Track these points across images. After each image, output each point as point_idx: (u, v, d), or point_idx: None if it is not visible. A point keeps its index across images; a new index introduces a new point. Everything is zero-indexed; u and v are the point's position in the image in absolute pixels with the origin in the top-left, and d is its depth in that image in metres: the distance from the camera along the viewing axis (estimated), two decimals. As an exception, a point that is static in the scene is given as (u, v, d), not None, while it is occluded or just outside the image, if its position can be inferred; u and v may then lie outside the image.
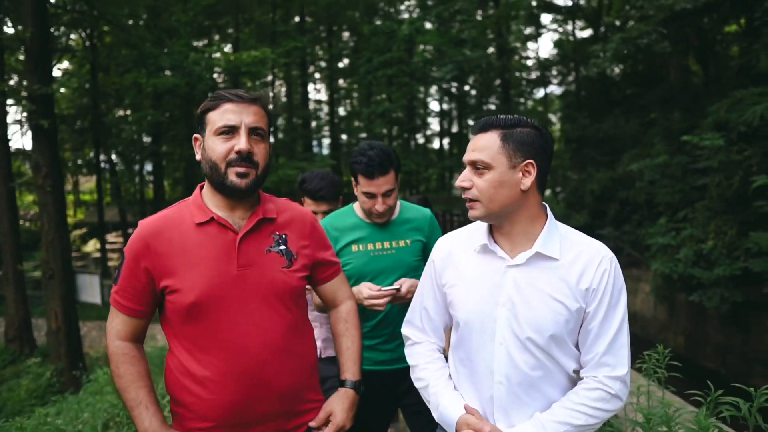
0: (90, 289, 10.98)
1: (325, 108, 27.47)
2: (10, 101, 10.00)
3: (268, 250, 1.54)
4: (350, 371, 1.67)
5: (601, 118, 16.45)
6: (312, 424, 1.59)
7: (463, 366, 1.54)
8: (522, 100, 26.99)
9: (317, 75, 27.21)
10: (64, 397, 6.05)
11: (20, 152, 19.45)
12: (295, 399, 1.57)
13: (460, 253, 1.54)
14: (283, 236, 1.57)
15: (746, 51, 9.80)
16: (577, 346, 1.45)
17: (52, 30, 13.48)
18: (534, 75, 26.11)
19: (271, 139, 1.92)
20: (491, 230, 1.49)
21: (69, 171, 25.23)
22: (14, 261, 9.97)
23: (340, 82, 26.47)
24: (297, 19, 21.99)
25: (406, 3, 24.41)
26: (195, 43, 17.66)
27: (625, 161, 12.42)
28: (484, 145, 1.39)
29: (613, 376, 1.38)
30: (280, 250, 1.55)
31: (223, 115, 1.45)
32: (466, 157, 1.43)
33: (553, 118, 29.03)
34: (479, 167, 1.39)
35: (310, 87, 27.22)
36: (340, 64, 25.55)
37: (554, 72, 25.62)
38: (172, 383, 1.53)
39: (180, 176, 25.85)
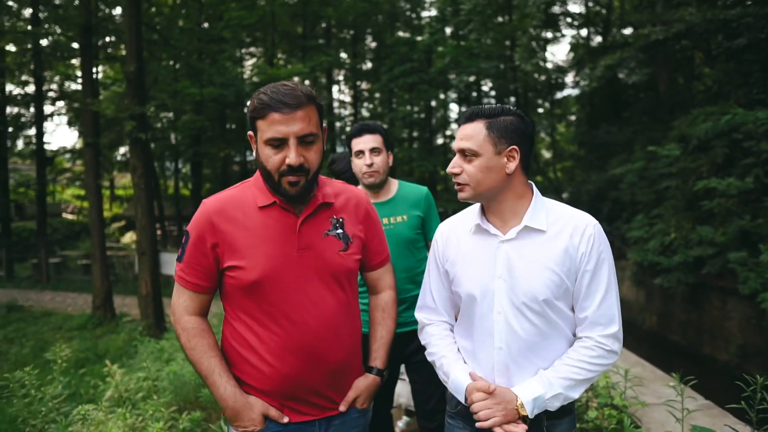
0: (171, 264, 13.99)
1: (349, 109, 30.38)
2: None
3: (326, 233, 1.69)
4: (380, 360, 1.83)
5: (609, 123, 19.03)
6: (341, 408, 1.74)
7: (464, 338, 1.77)
8: (540, 101, 29.49)
9: (341, 77, 30.12)
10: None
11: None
12: (344, 373, 1.74)
13: (458, 234, 1.76)
14: (340, 220, 1.73)
15: (705, 75, 12.35)
16: (573, 310, 1.66)
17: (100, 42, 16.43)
18: (551, 77, 28.46)
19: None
20: (483, 211, 1.72)
21: (106, 169, 28.55)
22: (100, 243, 13.00)
23: (363, 84, 29.35)
24: (324, 25, 24.93)
25: (426, 14, 27.23)
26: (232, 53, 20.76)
27: (614, 165, 15.03)
28: (471, 134, 1.61)
29: (607, 334, 1.60)
30: (338, 233, 1.71)
31: (270, 126, 1.55)
32: (456, 145, 1.65)
33: (572, 118, 31.52)
34: (468, 154, 1.62)
35: (334, 88, 30.10)
36: (363, 67, 28.44)
37: (570, 76, 28.06)
38: (230, 353, 1.71)
39: (209, 173, 29.05)
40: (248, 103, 1.66)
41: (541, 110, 29.60)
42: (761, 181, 10.03)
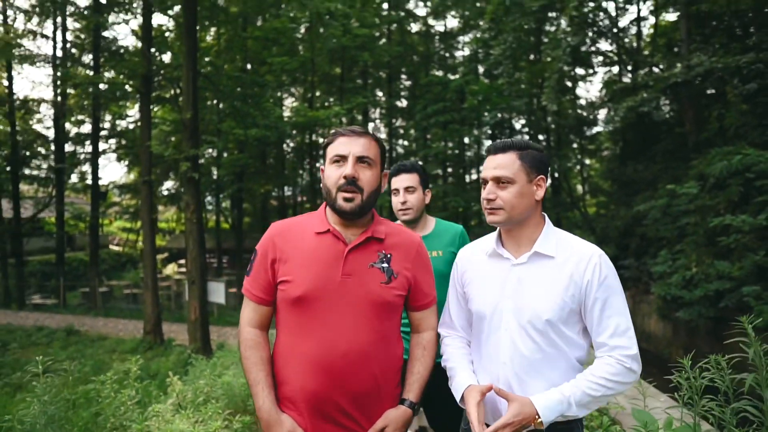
0: (217, 292, 15.29)
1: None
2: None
3: (371, 264, 1.87)
4: (413, 393, 1.93)
5: (637, 160, 19.77)
6: None
7: (475, 353, 1.97)
8: (572, 137, 30.31)
9: (376, 115, 31.67)
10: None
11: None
12: (371, 399, 1.86)
13: (475, 258, 2.00)
14: (388, 255, 1.90)
15: (724, 116, 13.16)
16: (580, 336, 1.83)
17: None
18: (581, 114, 29.30)
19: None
20: (500, 237, 1.94)
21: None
22: (152, 272, 14.36)
23: (398, 121, 30.85)
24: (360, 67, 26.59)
25: (459, 54, 28.68)
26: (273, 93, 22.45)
27: (639, 202, 15.77)
28: (505, 164, 1.81)
29: (628, 355, 1.72)
30: (383, 267, 1.87)
31: (336, 147, 1.85)
32: (489, 174, 1.84)
33: (605, 153, 32.15)
34: (503, 181, 1.81)
35: (370, 125, 31.64)
36: (398, 104, 29.96)
37: (602, 113, 28.84)
38: (277, 365, 1.92)
39: (248, 208, 30.68)
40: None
41: (575, 145, 30.41)
42: (774, 218, 10.72)
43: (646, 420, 2.73)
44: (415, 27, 28.61)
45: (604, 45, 26.53)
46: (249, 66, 22.32)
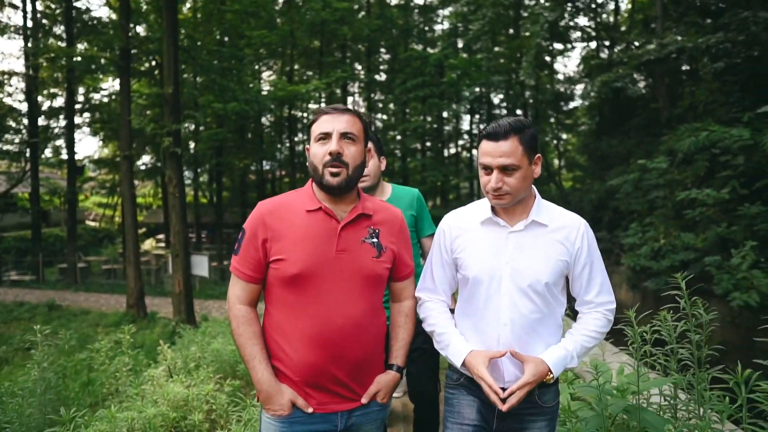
0: (200, 266, 15.55)
1: (363, 120, 31.92)
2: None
3: (363, 240, 1.95)
4: (399, 358, 2.08)
5: (611, 135, 20.36)
6: (363, 400, 1.96)
7: (468, 317, 2.05)
8: (549, 112, 30.85)
9: (356, 89, 31.77)
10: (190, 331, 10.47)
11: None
12: (365, 368, 1.97)
13: (467, 225, 2.06)
14: (377, 231, 1.99)
15: (693, 93, 13.70)
16: (563, 294, 2.02)
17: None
18: (559, 89, 29.81)
19: (370, 145, 2.58)
20: (491, 206, 2.01)
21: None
22: (134, 247, 14.58)
23: (377, 95, 31.01)
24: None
25: (438, 27, 28.85)
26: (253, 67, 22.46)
27: (612, 176, 16.38)
28: (510, 151, 1.84)
29: (611, 309, 2.00)
30: (373, 242, 1.96)
31: (320, 125, 1.90)
32: (495, 163, 1.86)
33: (582, 128, 32.77)
34: (510, 169, 1.86)
35: (349, 99, 31.76)
36: (377, 77, 30.08)
37: (579, 88, 29.31)
38: (269, 341, 1.96)
39: (227, 182, 30.71)
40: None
41: (552, 120, 30.97)
42: (737, 192, 11.34)
43: (597, 364, 3.09)
44: (394, -1, 28.65)
45: (582, 20, 26.91)
46: (227, 39, 22.27)
